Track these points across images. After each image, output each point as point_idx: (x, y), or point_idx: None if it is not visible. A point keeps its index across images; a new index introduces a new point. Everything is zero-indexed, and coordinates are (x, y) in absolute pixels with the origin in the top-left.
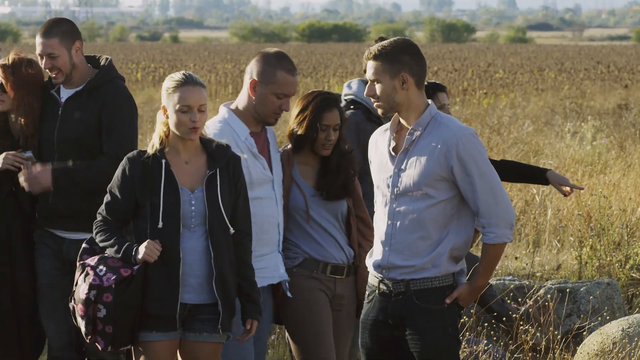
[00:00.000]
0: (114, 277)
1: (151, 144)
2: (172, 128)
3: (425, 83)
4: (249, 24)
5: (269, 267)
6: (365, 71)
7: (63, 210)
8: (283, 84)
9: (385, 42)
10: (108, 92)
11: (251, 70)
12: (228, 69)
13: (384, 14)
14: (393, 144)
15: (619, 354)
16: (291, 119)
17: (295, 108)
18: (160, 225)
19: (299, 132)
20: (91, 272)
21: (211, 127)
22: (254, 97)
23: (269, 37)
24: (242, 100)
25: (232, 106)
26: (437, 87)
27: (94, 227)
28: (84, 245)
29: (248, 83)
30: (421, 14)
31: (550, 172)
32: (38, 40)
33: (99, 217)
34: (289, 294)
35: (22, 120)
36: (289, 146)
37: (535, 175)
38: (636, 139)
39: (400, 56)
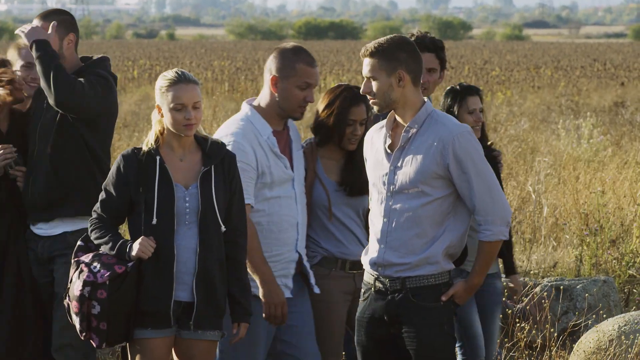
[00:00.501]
0: (107, 273)
1: (146, 141)
2: (168, 126)
3: (457, 87)
4: (245, 21)
5: (282, 268)
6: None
7: (41, 201)
8: (304, 74)
9: (381, 40)
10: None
11: (270, 67)
12: (224, 66)
13: (381, 11)
14: (389, 141)
15: (615, 352)
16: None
17: (321, 102)
18: (154, 221)
19: (325, 127)
20: (85, 269)
21: (233, 125)
22: (276, 94)
23: (265, 35)
24: (264, 97)
25: (255, 103)
26: (467, 90)
27: (89, 224)
28: (79, 242)
29: (269, 80)
30: (417, 12)
31: (516, 276)
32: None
33: (94, 215)
34: (290, 295)
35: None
36: (313, 139)
37: (508, 267)
38: (632, 137)
39: (397, 53)
